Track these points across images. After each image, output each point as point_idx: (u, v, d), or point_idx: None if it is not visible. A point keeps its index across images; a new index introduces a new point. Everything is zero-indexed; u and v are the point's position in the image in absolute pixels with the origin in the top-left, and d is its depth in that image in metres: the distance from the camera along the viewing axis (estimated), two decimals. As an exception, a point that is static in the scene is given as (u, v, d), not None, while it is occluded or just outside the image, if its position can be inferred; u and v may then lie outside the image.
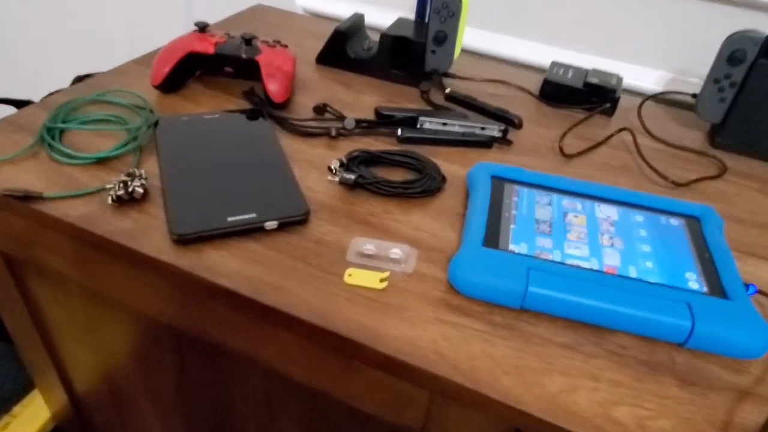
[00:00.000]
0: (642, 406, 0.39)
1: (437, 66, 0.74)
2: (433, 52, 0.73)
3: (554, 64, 0.80)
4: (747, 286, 0.47)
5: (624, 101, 0.78)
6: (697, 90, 0.73)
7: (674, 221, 0.53)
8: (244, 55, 0.66)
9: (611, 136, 0.70)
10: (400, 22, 0.79)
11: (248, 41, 0.67)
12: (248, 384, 0.58)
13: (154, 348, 0.62)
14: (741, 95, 0.66)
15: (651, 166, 0.64)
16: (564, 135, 0.69)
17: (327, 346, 0.45)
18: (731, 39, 0.65)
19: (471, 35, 0.89)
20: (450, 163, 0.62)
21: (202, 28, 0.69)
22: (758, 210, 0.60)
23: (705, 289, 0.46)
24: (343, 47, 0.77)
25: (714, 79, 0.68)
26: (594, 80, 0.75)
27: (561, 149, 0.66)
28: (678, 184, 0.62)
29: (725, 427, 0.38)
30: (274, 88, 0.65)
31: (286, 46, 0.71)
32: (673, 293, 0.44)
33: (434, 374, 0.40)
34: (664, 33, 0.80)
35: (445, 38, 0.72)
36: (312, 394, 0.54)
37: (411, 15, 0.90)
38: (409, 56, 0.75)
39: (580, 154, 0.66)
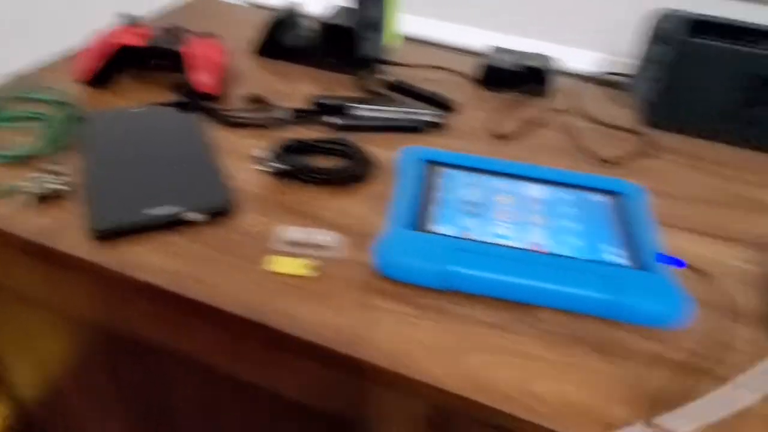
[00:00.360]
0: (562, 378, 0.39)
1: (370, 52, 0.74)
2: (367, 38, 0.73)
3: (493, 48, 0.80)
4: (668, 258, 0.48)
5: (563, 83, 0.79)
6: (631, 70, 0.75)
7: (600, 198, 0.54)
8: (170, 47, 0.65)
9: (547, 117, 0.71)
10: (341, 10, 0.78)
11: (176, 33, 0.66)
12: (185, 383, 0.57)
13: (87, 350, 0.60)
14: (672, 74, 0.68)
15: (584, 147, 0.65)
16: (498, 118, 0.69)
17: (251, 335, 0.44)
18: (660, 19, 0.66)
19: (412, 22, 0.88)
20: (384, 149, 0.61)
21: (131, 20, 0.68)
22: (687, 185, 0.62)
23: (625, 262, 0.46)
24: (279, 37, 0.76)
25: (645, 59, 0.69)
26: (531, 63, 0.75)
27: (495, 132, 0.67)
28: (610, 162, 0.63)
29: (641, 394, 0.39)
30: (199, 78, 0.64)
31: (215, 37, 0.70)
32: (594, 267, 0.45)
33: (357, 359, 0.40)
34: (600, 15, 0.81)
35: (376, 25, 0.71)
36: (251, 393, 0.53)
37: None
38: (346, 44, 0.74)
39: (515, 136, 0.67)
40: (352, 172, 0.55)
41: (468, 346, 0.41)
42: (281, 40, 0.76)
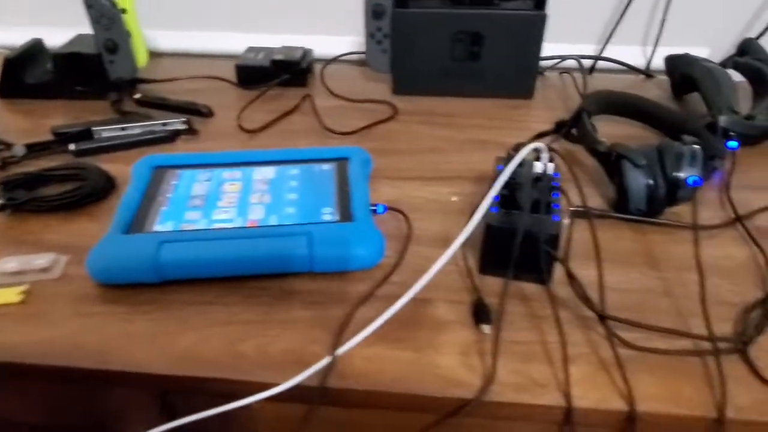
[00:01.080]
0: (266, 334, 0.43)
1: (120, 74, 0.74)
2: (111, 61, 0.73)
3: (248, 49, 0.84)
4: (376, 207, 0.53)
5: (324, 70, 0.84)
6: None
7: (326, 167, 0.58)
8: None
9: (301, 104, 0.75)
10: (79, 38, 0.78)
11: None
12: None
13: None
14: (394, 44, 0.74)
15: (329, 124, 0.70)
16: (252, 113, 0.73)
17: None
18: (369, -4, 0.72)
19: (166, 38, 0.90)
20: (128, 165, 0.62)
21: None
22: (418, 139, 0.68)
23: (336, 218, 0.51)
24: (19, 76, 0.74)
25: (370, 34, 0.75)
26: (279, 57, 0.79)
27: (247, 127, 0.70)
28: (350, 133, 0.69)
29: (344, 330, 0.43)
30: None
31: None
32: (300, 229, 0.49)
33: (74, 368, 0.41)
34: (344, 2, 0.87)
35: (116, 46, 0.72)
36: None
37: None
38: (90, 70, 0.74)
39: (265, 127, 0.70)
40: (87, 192, 0.56)
41: (181, 328, 0.43)
42: (22, 79, 0.74)
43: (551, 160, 0.50)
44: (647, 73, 0.85)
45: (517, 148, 0.49)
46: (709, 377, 0.39)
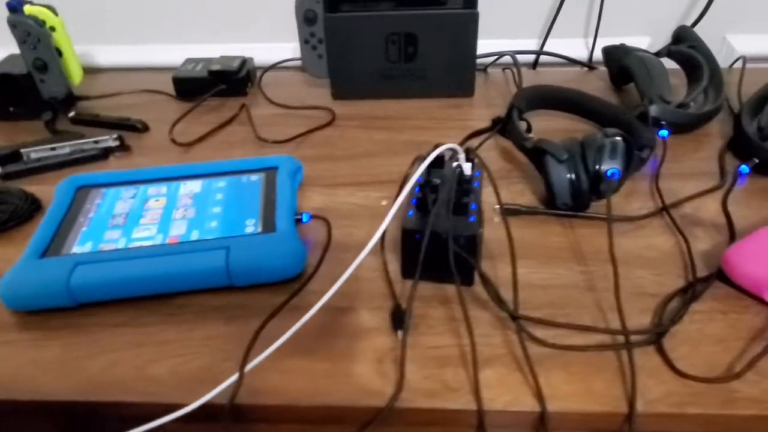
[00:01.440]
0: (182, 354, 0.42)
1: (53, 93, 0.73)
2: (42, 80, 0.72)
3: (186, 60, 0.83)
4: (302, 215, 0.53)
5: (266, 77, 0.83)
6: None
7: (254, 177, 0.58)
8: None
9: (239, 114, 0.74)
10: (10, 58, 0.76)
11: None
12: None
13: None
14: (329, 49, 0.74)
15: (264, 133, 0.69)
16: (188, 126, 0.72)
17: None
18: (298, 2, 0.72)
19: (105, 53, 0.89)
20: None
21: None
22: (354, 144, 0.68)
23: (258, 229, 0.50)
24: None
25: (304, 40, 0.74)
26: (217, 67, 0.79)
27: (182, 140, 0.69)
28: (283, 142, 0.68)
29: (253, 346, 0.42)
30: None
31: None
32: (220, 243, 0.48)
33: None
34: (284, 7, 0.86)
35: (45, 65, 0.71)
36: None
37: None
38: (21, 91, 0.73)
39: (200, 139, 0.70)
40: (2, 219, 0.55)
41: (93, 353, 0.42)
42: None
43: (470, 160, 0.50)
44: (589, 65, 0.85)
45: (436, 148, 0.48)
46: (623, 371, 0.39)
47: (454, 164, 0.49)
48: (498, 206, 0.54)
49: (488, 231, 0.52)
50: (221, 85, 0.78)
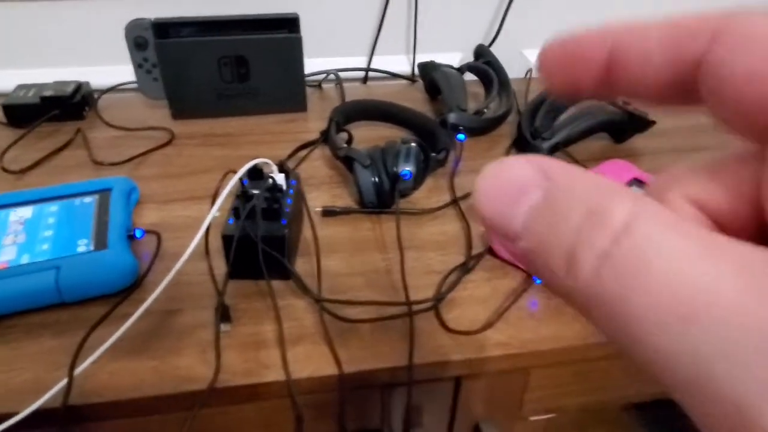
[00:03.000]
0: (11, 369, 0.45)
1: None
2: None
3: (17, 87, 0.82)
4: (135, 231, 0.57)
5: (105, 100, 0.85)
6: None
7: (88, 199, 0.61)
8: None
9: (75, 139, 0.76)
10: None
11: None
12: None
13: None
14: (164, 72, 0.78)
15: (100, 157, 0.72)
16: (20, 153, 0.72)
17: None
18: (127, 29, 0.75)
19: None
20: None
21: None
22: (192, 162, 0.73)
23: (91, 248, 0.54)
24: None
25: (138, 64, 0.78)
26: (49, 93, 0.79)
27: (12, 168, 0.69)
28: (119, 163, 0.71)
29: (81, 351, 0.46)
30: None
31: None
32: (50, 263, 0.51)
33: None
34: (119, 31, 0.88)
35: None
36: None
37: None
38: None
39: (33, 166, 0.71)
40: None
41: None
42: None
43: (284, 171, 0.57)
44: (411, 78, 0.97)
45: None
46: (406, 335, 0.48)
47: (273, 175, 0.56)
48: (319, 209, 0.62)
49: (309, 231, 0.60)
50: (55, 110, 0.78)
